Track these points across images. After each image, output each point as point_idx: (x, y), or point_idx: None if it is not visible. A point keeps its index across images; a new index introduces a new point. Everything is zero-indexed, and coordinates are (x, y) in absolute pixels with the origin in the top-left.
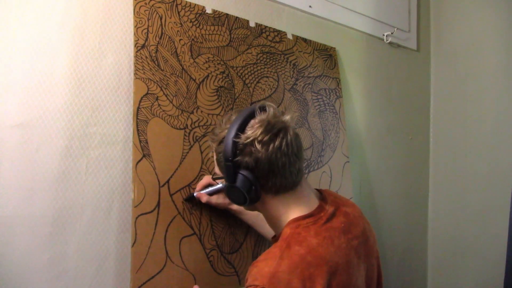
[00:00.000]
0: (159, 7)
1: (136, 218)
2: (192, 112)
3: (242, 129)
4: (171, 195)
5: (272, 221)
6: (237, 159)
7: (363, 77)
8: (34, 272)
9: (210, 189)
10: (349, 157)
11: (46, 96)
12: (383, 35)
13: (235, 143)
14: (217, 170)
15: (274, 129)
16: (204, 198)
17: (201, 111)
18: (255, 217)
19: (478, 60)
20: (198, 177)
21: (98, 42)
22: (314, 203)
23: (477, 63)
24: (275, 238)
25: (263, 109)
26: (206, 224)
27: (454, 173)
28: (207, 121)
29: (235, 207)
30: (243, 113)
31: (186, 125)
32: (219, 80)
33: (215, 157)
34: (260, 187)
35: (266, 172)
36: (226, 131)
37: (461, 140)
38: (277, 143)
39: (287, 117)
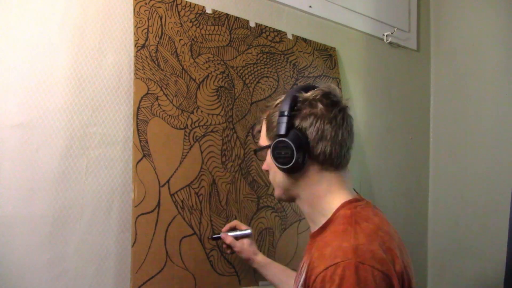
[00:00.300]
0: (159, 7)
1: (136, 218)
2: (192, 112)
3: (305, 90)
4: (171, 195)
5: (314, 202)
6: (294, 113)
7: (363, 77)
8: (34, 272)
9: (238, 233)
10: None
11: (46, 96)
12: (383, 35)
13: (295, 98)
14: (262, 141)
15: (335, 100)
16: (228, 240)
17: (201, 111)
18: (280, 272)
19: (478, 60)
20: (199, 177)
21: (98, 42)
22: (353, 191)
23: (477, 63)
24: (320, 229)
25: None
26: (206, 224)
27: (454, 173)
28: (207, 121)
29: (259, 258)
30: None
31: (186, 125)
32: (219, 80)
33: (264, 126)
34: (309, 152)
35: (320, 135)
36: (283, 97)
37: (461, 140)
38: (336, 111)
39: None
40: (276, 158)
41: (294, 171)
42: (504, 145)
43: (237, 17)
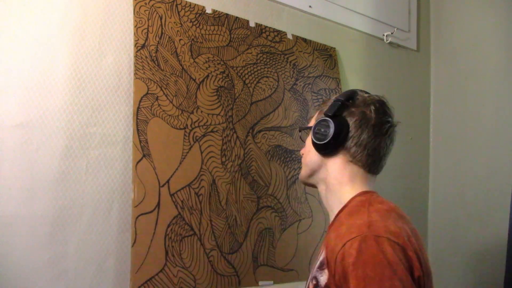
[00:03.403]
0: (159, 7)
1: (136, 218)
2: (192, 112)
3: (365, 92)
4: (171, 195)
5: (334, 188)
6: (347, 103)
7: (363, 77)
8: (34, 272)
9: None
10: None
11: (46, 96)
12: (383, 35)
13: (353, 93)
14: (310, 124)
15: (388, 112)
16: None
17: (201, 111)
18: None
19: (478, 60)
20: (198, 177)
21: (98, 42)
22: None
23: (477, 63)
24: (336, 216)
25: None
26: (206, 224)
27: (454, 173)
28: (207, 121)
29: None
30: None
31: (186, 125)
32: (219, 80)
33: (317, 113)
34: (346, 139)
35: (360, 132)
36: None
37: (461, 140)
38: (385, 120)
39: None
40: (314, 133)
41: (326, 151)
42: (504, 145)
43: (237, 17)
